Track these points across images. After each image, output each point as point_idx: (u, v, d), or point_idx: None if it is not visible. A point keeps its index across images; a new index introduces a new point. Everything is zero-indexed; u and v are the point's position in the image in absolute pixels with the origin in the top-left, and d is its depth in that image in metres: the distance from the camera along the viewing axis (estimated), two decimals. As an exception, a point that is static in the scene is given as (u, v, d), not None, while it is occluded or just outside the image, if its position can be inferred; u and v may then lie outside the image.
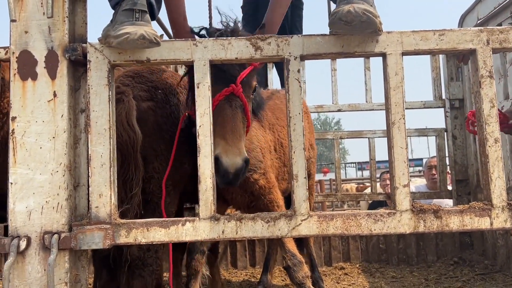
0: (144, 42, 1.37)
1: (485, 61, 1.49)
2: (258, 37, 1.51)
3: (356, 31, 1.42)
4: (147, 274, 1.94)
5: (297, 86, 1.49)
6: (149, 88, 2.10)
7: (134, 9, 1.40)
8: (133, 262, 1.93)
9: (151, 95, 2.09)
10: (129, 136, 1.89)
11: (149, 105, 2.06)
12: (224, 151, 1.75)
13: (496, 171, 1.46)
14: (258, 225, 1.44)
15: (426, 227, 1.44)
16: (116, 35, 1.37)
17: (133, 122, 1.91)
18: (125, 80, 2.08)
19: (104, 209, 1.44)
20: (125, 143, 1.88)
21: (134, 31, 1.35)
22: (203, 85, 1.49)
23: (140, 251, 1.94)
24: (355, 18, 1.36)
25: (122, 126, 1.88)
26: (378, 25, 1.40)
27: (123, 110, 1.90)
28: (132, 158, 1.91)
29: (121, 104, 1.91)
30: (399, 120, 1.47)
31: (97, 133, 1.46)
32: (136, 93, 2.04)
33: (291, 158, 1.47)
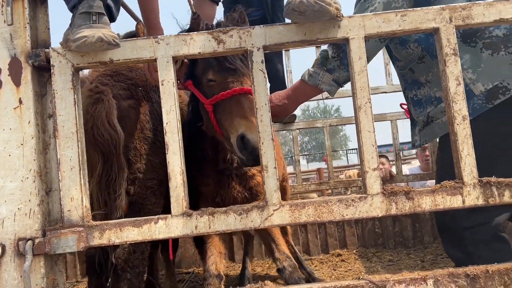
0: (103, 45, 1.37)
1: (448, 39, 1.48)
2: (220, 30, 1.50)
3: (312, 20, 1.42)
4: (134, 276, 1.95)
5: (262, 77, 1.49)
6: (129, 86, 2.09)
7: (91, 12, 1.39)
8: (118, 265, 1.94)
9: (131, 93, 2.09)
10: (111, 135, 1.88)
11: (129, 103, 2.05)
12: (248, 128, 1.83)
13: (465, 148, 1.46)
14: (230, 218, 1.44)
15: (398, 209, 1.44)
16: (74, 39, 1.37)
17: (114, 122, 1.90)
18: (104, 79, 2.07)
19: (76, 212, 1.44)
20: (106, 143, 1.87)
21: (91, 34, 1.35)
22: (167, 82, 1.48)
23: (126, 254, 1.95)
24: (308, 8, 1.36)
25: (103, 126, 1.88)
26: (333, 13, 1.39)
27: (103, 110, 1.90)
28: (115, 158, 1.90)
29: (100, 103, 1.91)
30: (365, 104, 1.47)
31: (65, 137, 1.46)
32: (116, 91, 2.04)
33: (260, 149, 1.47)
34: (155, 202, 2.07)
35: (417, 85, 2.04)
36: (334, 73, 1.96)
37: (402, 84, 2.16)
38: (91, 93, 1.90)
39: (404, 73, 2.08)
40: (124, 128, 1.91)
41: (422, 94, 2.01)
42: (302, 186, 4.82)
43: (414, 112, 2.09)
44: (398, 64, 2.12)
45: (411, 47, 1.97)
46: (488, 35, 1.83)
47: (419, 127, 2.07)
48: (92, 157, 1.87)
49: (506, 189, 1.43)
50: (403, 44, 2.00)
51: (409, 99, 2.10)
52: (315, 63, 2.03)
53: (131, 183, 1.99)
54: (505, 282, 1.39)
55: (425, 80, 1.98)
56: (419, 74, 2.00)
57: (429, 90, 1.97)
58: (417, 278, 1.40)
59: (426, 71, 1.96)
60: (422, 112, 2.02)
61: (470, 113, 1.75)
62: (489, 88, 1.80)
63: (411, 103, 2.09)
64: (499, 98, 1.79)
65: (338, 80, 1.98)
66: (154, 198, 2.04)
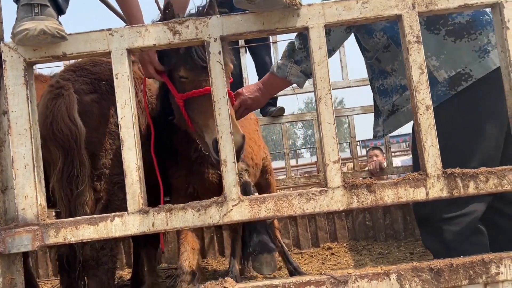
0: (46, 37, 1.33)
1: (411, 26, 1.44)
2: (176, 21, 1.46)
3: (263, 8, 1.37)
4: (102, 273, 1.92)
5: (219, 69, 1.44)
6: (92, 80, 2.05)
7: (33, 4, 1.35)
8: (86, 262, 1.91)
9: (95, 87, 2.05)
10: (71, 130, 1.85)
11: (92, 97, 2.02)
12: None
13: (429, 139, 1.41)
14: (188, 214, 1.41)
15: (359, 202, 1.40)
16: (16, 32, 1.33)
17: (74, 116, 1.87)
18: (66, 74, 2.04)
19: (31, 211, 1.41)
20: (66, 138, 1.84)
21: (33, 26, 1.31)
22: (122, 75, 1.45)
23: (93, 251, 1.92)
24: None
25: (62, 121, 1.84)
26: (285, 2, 1.34)
27: (63, 104, 1.86)
28: (76, 154, 1.87)
29: (60, 98, 1.87)
30: (326, 95, 1.42)
31: (17, 134, 1.43)
32: (78, 86, 2.00)
33: (219, 143, 1.44)
34: (123, 198, 2.01)
35: (383, 74, 2.00)
36: (302, 64, 1.94)
37: (369, 75, 2.12)
38: (51, 89, 1.86)
39: (371, 63, 2.04)
40: (87, 123, 1.87)
41: (388, 84, 1.97)
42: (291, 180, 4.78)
43: (380, 101, 2.05)
44: (367, 55, 2.08)
45: (377, 36, 1.93)
46: (451, 22, 1.79)
47: (384, 117, 2.03)
48: (53, 153, 1.84)
49: (470, 180, 1.39)
50: (370, 34, 1.95)
51: (375, 89, 2.07)
52: (283, 55, 2.01)
53: (97, 179, 1.96)
54: (470, 276, 1.35)
55: (391, 69, 1.94)
56: (385, 64, 1.96)
57: (395, 79, 1.94)
58: (380, 273, 1.37)
59: (392, 60, 1.92)
60: (388, 101, 1.98)
61: (434, 100, 1.72)
62: (452, 75, 1.77)
63: (377, 93, 2.05)
64: (461, 85, 1.77)
65: (306, 71, 1.95)
66: (122, 194, 1.99)
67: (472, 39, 1.77)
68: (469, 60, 1.75)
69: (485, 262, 1.35)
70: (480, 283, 1.36)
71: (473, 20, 1.78)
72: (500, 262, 1.35)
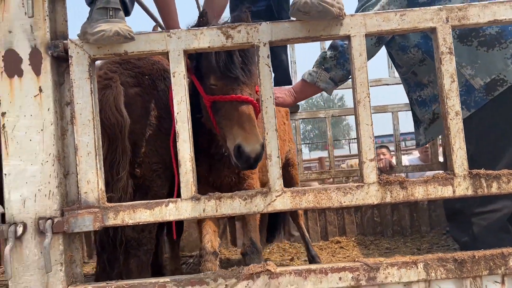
0: (119, 38, 1.46)
1: (444, 38, 1.57)
2: (229, 26, 1.59)
3: (316, 19, 1.51)
4: (142, 253, 2.07)
5: (267, 71, 1.58)
6: (136, 74, 2.19)
7: (108, 7, 1.48)
8: (128, 243, 2.05)
9: (138, 81, 2.18)
10: (117, 120, 1.98)
11: (136, 91, 2.15)
12: (244, 139, 1.96)
13: (457, 142, 1.55)
14: (236, 202, 1.55)
15: (392, 197, 1.54)
16: (92, 33, 1.46)
17: (121, 107, 2.00)
18: (112, 66, 2.16)
19: (93, 194, 1.55)
20: (112, 126, 1.97)
21: (109, 28, 1.44)
22: (178, 74, 1.58)
23: (135, 233, 2.07)
24: (312, 9, 1.45)
25: (110, 110, 1.98)
26: (335, 13, 1.48)
27: (111, 95, 1.99)
28: (119, 142, 2.00)
29: (109, 89, 2.01)
30: (364, 98, 1.56)
31: (82, 124, 1.56)
32: (124, 79, 2.13)
33: (265, 139, 1.57)
34: (160, 185, 2.17)
35: (420, 86, 2.16)
36: (331, 72, 2.12)
37: (405, 88, 2.29)
38: (100, 79, 2.00)
39: (407, 77, 2.20)
40: (130, 114, 2.00)
41: (426, 94, 2.14)
42: (303, 175, 4.93)
43: (419, 112, 2.22)
44: (400, 70, 2.25)
45: (412, 52, 2.09)
46: (482, 33, 1.94)
47: (424, 125, 2.20)
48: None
49: (494, 181, 1.53)
50: (404, 50, 2.12)
51: (414, 101, 2.24)
52: (314, 64, 2.19)
53: (138, 166, 2.10)
54: (490, 267, 1.49)
55: (428, 81, 2.10)
56: (422, 76, 2.12)
57: (432, 89, 2.10)
58: (409, 261, 1.51)
59: (428, 72, 2.08)
60: (427, 111, 2.15)
61: (473, 105, 1.90)
62: (487, 82, 1.93)
63: (416, 104, 2.22)
64: (497, 90, 1.94)
65: (334, 78, 2.14)
66: (159, 181, 2.14)
67: (503, 48, 1.94)
68: (503, 67, 1.92)
69: (505, 255, 1.50)
70: (499, 274, 1.50)
71: (502, 30, 1.93)
72: (518, 255, 1.50)
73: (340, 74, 2.13)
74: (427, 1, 2.00)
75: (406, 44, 2.10)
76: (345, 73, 2.15)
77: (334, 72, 2.12)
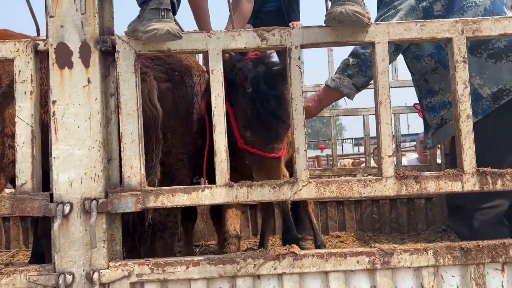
0: (170, 36, 1.60)
1: (459, 48, 1.73)
2: (264, 29, 1.73)
3: (347, 27, 1.66)
4: (168, 236, 2.23)
5: (298, 72, 1.73)
6: (167, 70, 2.34)
7: (160, 8, 1.62)
8: (155, 226, 2.21)
9: (169, 76, 2.33)
10: (151, 111, 2.13)
11: (167, 86, 2.30)
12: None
13: (467, 142, 1.71)
14: (265, 190, 1.70)
15: (407, 190, 1.70)
16: (145, 31, 1.60)
17: (154, 100, 2.15)
18: (146, 62, 2.31)
19: (135, 178, 1.69)
20: (148, 117, 2.12)
21: (161, 27, 1.58)
22: (216, 71, 1.72)
23: (161, 216, 2.22)
24: (346, 19, 1.60)
25: (145, 103, 2.12)
26: (365, 22, 1.63)
27: (146, 88, 2.14)
28: (153, 132, 2.15)
29: (143, 83, 2.15)
30: (385, 100, 1.72)
31: (127, 114, 1.70)
32: (156, 74, 2.27)
33: (293, 134, 1.72)
34: (185, 174, 2.34)
35: (431, 93, 2.34)
36: (354, 78, 2.28)
37: (417, 94, 2.46)
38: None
39: (419, 84, 2.37)
40: (161, 107, 2.15)
41: (436, 101, 2.31)
42: (306, 171, 5.08)
43: (429, 117, 2.39)
44: (414, 77, 2.42)
45: (425, 61, 2.26)
46: (491, 47, 2.12)
47: (432, 130, 2.37)
48: None
49: (499, 178, 1.70)
50: (418, 59, 2.29)
51: (424, 107, 2.41)
52: (337, 71, 2.35)
53: (165, 155, 2.25)
54: (492, 255, 1.66)
55: (438, 88, 2.27)
56: (433, 84, 2.30)
57: (442, 96, 2.28)
58: (420, 248, 1.68)
59: (439, 80, 2.25)
60: (436, 116, 2.32)
61: (480, 112, 2.08)
62: (494, 91, 2.11)
63: (426, 109, 2.40)
64: (503, 99, 2.13)
65: (357, 84, 2.30)
66: (184, 170, 2.31)
67: (510, 61, 2.12)
68: (509, 78, 2.11)
69: (506, 245, 1.67)
70: (499, 262, 1.67)
71: (510, 44, 2.10)
72: (517, 246, 1.67)
73: (362, 80, 2.29)
74: (442, 14, 2.17)
75: (421, 53, 2.27)
76: (367, 79, 2.30)
77: (356, 78, 2.27)
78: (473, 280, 1.66)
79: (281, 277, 1.67)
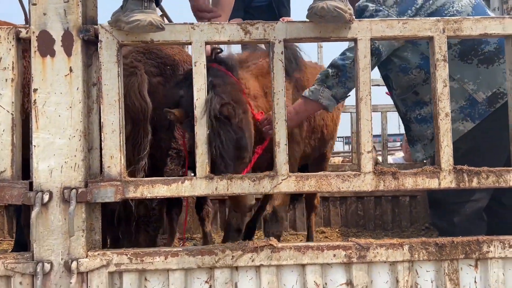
0: (152, 28, 1.60)
1: (440, 46, 1.75)
2: (248, 23, 1.74)
3: (329, 23, 1.67)
4: (152, 229, 2.25)
5: (280, 66, 1.74)
6: (159, 64, 2.36)
7: None
8: (139, 219, 2.22)
9: (161, 70, 2.35)
10: (141, 105, 2.15)
11: (158, 80, 2.32)
12: None
13: (445, 140, 1.74)
14: (245, 183, 1.71)
15: (385, 186, 1.72)
16: (128, 21, 1.60)
17: (144, 93, 2.17)
18: (137, 56, 2.33)
19: (115, 169, 1.69)
20: (137, 111, 2.14)
21: (143, 18, 1.58)
22: (199, 63, 1.73)
23: (146, 210, 2.24)
24: (328, 14, 1.61)
25: (134, 96, 2.15)
26: (347, 18, 1.64)
27: (136, 82, 2.16)
28: (141, 125, 2.17)
29: (134, 76, 2.17)
30: (366, 96, 1.73)
31: (108, 104, 1.70)
32: (147, 68, 2.30)
33: (274, 128, 1.74)
34: (172, 169, 2.36)
35: (419, 105, 2.29)
36: (333, 89, 2.25)
37: (401, 109, 2.38)
38: (126, 67, 2.15)
39: (405, 98, 2.31)
40: (152, 101, 2.16)
41: (426, 112, 2.26)
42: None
43: (419, 129, 2.31)
44: (394, 93, 2.37)
45: (413, 73, 2.23)
46: (481, 52, 2.15)
47: (425, 142, 2.30)
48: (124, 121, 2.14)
49: (474, 176, 1.73)
50: (405, 72, 2.24)
51: (413, 119, 2.33)
52: (315, 82, 2.32)
53: (155, 149, 2.27)
54: (466, 252, 1.69)
55: (429, 98, 2.21)
56: (423, 94, 2.25)
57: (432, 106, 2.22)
58: (396, 243, 1.71)
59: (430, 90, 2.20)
60: (429, 127, 2.25)
61: (477, 117, 2.10)
62: (489, 95, 2.14)
63: (415, 122, 2.32)
64: (498, 102, 2.13)
65: (336, 95, 2.27)
66: (172, 165, 2.34)
67: (501, 63, 2.13)
68: (502, 81, 2.11)
69: (479, 242, 1.70)
70: (473, 258, 1.70)
71: (500, 46, 2.12)
72: (491, 243, 1.70)
73: (341, 92, 2.26)
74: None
75: (408, 66, 2.23)
76: (346, 90, 2.28)
77: (336, 89, 2.24)
78: (447, 275, 1.69)
79: (259, 269, 1.69)
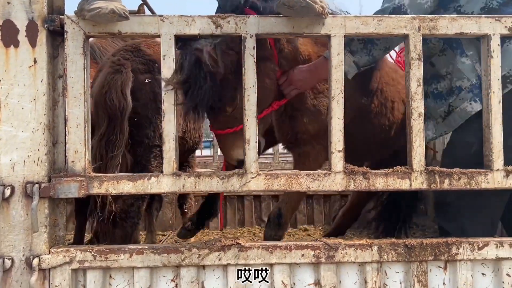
0: (114, 16, 1.55)
1: (415, 45, 1.72)
2: (219, 16, 1.70)
3: (299, 14, 1.63)
4: (129, 225, 2.22)
5: (252, 62, 1.70)
6: (147, 61, 2.33)
7: None
8: (117, 213, 2.18)
9: (149, 68, 2.32)
10: (120, 102, 2.12)
11: (146, 77, 2.28)
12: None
13: (417, 140, 1.71)
14: (214, 181, 1.68)
15: (355, 186, 1.69)
16: (89, 9, 1.55)
17: (126, 92, 2.14)
18: (125, 54, 2.30)
19: (79, 164, 1.65)
20: (115, 108, 2.11)
21: (105, 6, 1.53)
22: (168, 57, 1.68)
23: (125, 205, 2.20)
24: (296, 4, 1.56)
25: (115, 93, 2.12)
26: (317, 10, 1.59)
27: (119, 79, 2.14)
28: (118, 123, 2.13)
29: (118, 74, 2.15)
30: (338, 94, 1.70)
31: (73, 97, 1.65)
32: (135, 66, 2.28)
33: (244, 125, 1.70)
34: (155, 166, 2.32)
35: (436, 78, 2.16)
36: (356, 55, 2.07)
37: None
38: (113, 64, 2.14)
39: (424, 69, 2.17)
40: (139, 99, 2.15)
41: (443, 87, 2.13)
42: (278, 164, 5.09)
43: (434, 105, 2.18)
44: None
45: (432, 42, 2.11)
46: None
47: (437, 119, 2.17)
48: (100, 118, 2.11)
49: (446, 177, 1.70)
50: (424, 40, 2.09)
51: (429, 94, 2.19)
52: None
53: (138, 145, 2.23)
54: (435, 253, 1.67)
55: (446, 72, 2.10)
56: (440, 67, 2.13)
57: (450, 81, 2.09)
58: (364, 244, 1.68)
59: (447, 63, 2.09)
60: (443, 104, 2.13)
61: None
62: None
63: (431, 96, 2.19)
64: (507, 87, 1.93)
65: (358, 62, 2.08)
66: (155, 162, 2.30)
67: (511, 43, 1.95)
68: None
69: (449, 244, 1.68)
70: (442, 260, 1.68)
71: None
72: (460, 245, 1.68)
73: (365, 60, 2.07)
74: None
75: None
76: (370, 59, 2.09)
77: (359, 56, 2.06)
78: (416, 277, 1.67)
79: (226, 268, 1.66)
